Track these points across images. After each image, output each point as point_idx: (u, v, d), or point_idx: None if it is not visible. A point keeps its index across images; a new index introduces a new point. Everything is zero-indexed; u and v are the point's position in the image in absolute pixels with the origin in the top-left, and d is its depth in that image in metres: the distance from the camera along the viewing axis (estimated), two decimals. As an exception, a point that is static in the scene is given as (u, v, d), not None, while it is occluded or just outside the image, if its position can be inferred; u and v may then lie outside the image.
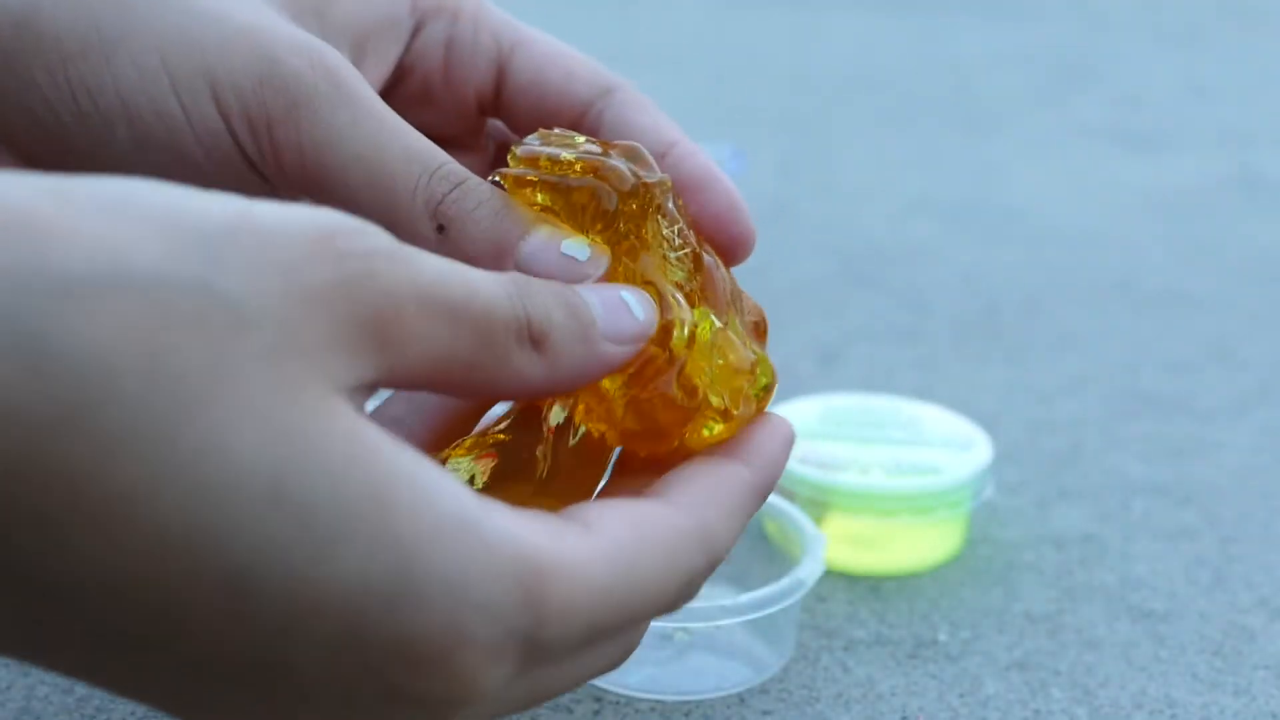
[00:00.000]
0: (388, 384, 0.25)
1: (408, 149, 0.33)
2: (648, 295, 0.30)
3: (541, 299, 0.28)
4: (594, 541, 0.26)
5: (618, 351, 0.29)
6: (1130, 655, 0.45)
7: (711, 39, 1.68)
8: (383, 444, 0.23)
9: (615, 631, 0.27)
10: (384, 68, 0.38)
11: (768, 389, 0.33)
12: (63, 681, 0.42)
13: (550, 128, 0.35)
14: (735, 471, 0.30)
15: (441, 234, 0.32)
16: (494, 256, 0.32)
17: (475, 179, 0.33)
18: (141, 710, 0.41)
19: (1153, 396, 0.66)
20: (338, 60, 0.33)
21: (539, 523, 0.25)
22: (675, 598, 0.28)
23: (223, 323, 0.22)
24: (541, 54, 0.39)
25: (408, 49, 0.38)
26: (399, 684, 0.23)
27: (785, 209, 0.97)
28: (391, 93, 0.39)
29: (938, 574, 0.50)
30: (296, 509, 0.22)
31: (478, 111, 0.40)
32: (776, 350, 0.70)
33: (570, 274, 0.31)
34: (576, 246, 0.32)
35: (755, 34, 1.71)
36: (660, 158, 0.37)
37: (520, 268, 0.32)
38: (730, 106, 1.30)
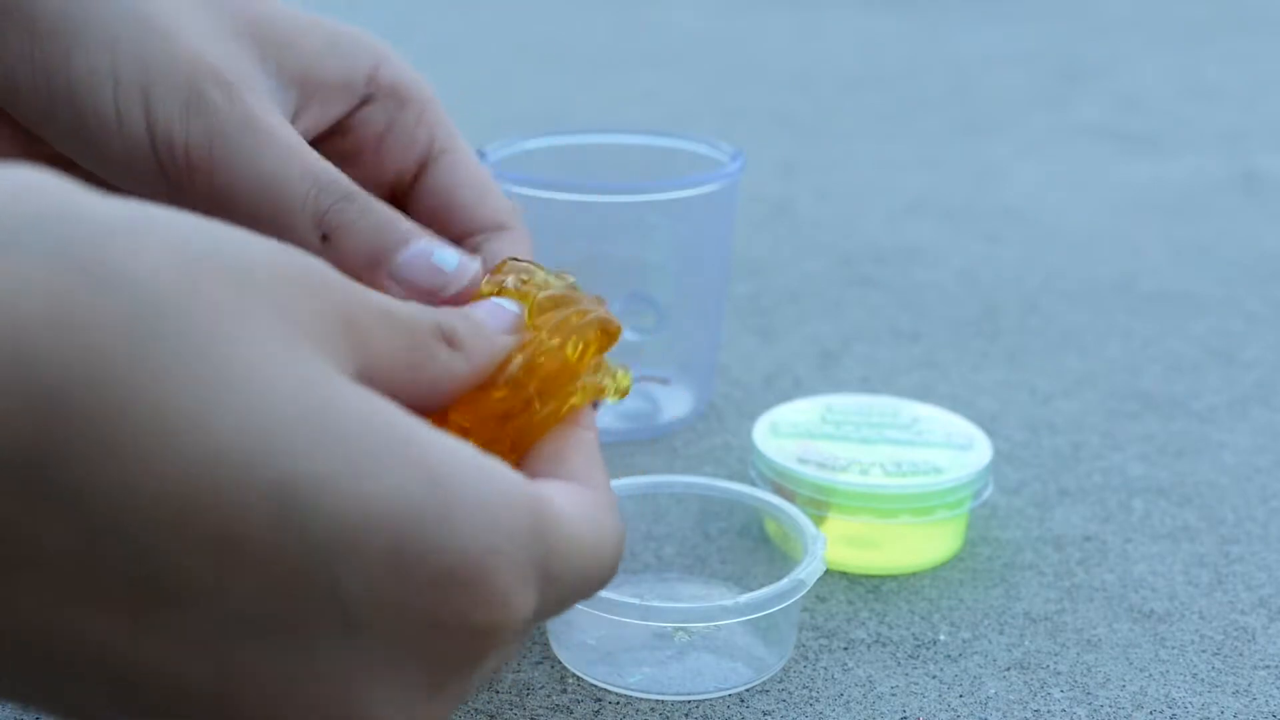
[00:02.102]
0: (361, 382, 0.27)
1: (304, 166, 0.37)
2: (512, 301, 0.35)
3: (439, 310, 0.31)
4: (569, 496, 0.29)
5: (510, 340, 0.33)
6: (1130, 655, 0.45)
7: (711, 39, 1.68)
8: (391, 405, 0.25)
9: (591, 583, 0.30)
10: (323, 122, 0.41)
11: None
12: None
13: (457, 239, 0.41)
14: (587, 437, 0.34)
15: (325, 242, 0.37)
16: (370, 265, 0.37)
17: (365, 195, 0.37)
18: (141, 710, 0.41)
19: (1153, 396, 0.66)
20: (254, 100, 0.37)
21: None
22: (613, 568, 0.31)
23: (241, 275, 0.24)
24: (464, 170, 0.43)
25: (352, 114, 0.42)
26: (442, 608, 0.24)
27: (785, 209, 0.97)
28: (322, 143, 0.42)
29: (938, 574, 0.50)
30: (333, 432, 0.23)
31: (390, 192, 0.43)
32: (777, 350, 0.71)
33: (439, 281, 0.36)
34: (445, 258, 0.37)
35: (755, 34, 1.71)
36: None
37: (394, 275, 0.37)
38: (730, 106, 1.30)
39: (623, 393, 0.36)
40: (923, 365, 0.69)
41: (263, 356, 0.23)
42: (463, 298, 0.37)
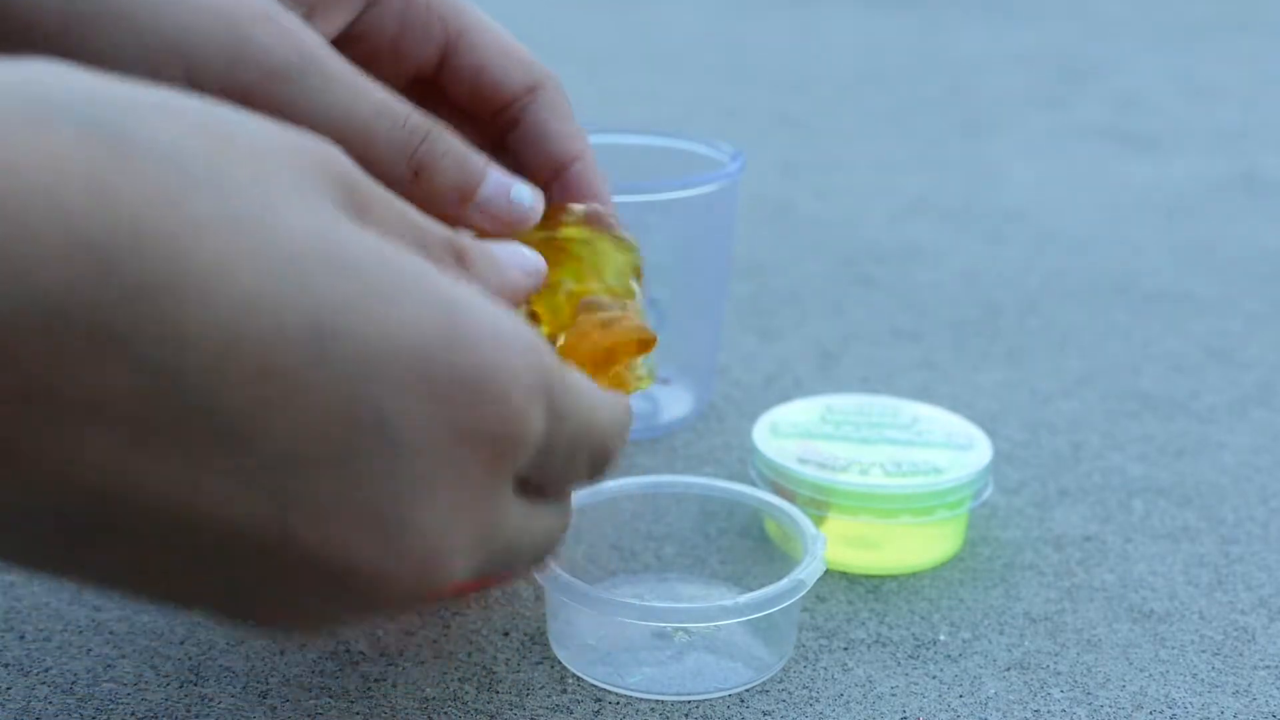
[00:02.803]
0: None
1: (376, 105, 0.37)
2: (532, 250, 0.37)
3: (456, 232, 0.33)
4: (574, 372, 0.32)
5: (523, 280, 0.35)
6: (1130, 655, 0.45)
7: (711, 39, 1.68)
8: (400, 247, 0.27)
9: (585, 444, 0.32)
10: (330, 29, 0.41)
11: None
12: (63, 682, 0.42)
13: (493, 114, 0.43)
14: None
15: (416, 178, 0.38)
16: (458, 200, 0.38)
17: (438, 128, 0.38)
18: (142, 710, 0.41)
19: (1153, 396, 0.66)
20: (302, 31, 0.36)
21: None
22: (618, 438, 0.33)
23: (258, 146, 0.26)
24: (484, 44, 0.42)
25: (360, 18, 0.41)
26: (466, 417, 0.27)
27: (785, 209, 0.97)
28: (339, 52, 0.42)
29: (938, 574, 0.50)
30: (355, 271, 0.25)
31: (413, 84, 0.43)
32: (777, 350, 0.70)
33: (517, 215, 0.39)
34: (521, 192, 0.39)
35: (755, 34, 1.71)
36: (559, 171, 0.43)
37: (477, 209, 0.39)
38: (730, 106, 1.30)
39: (642, 387, 0.40)
40: (923, 365, 0.69)
41: (284, 208, 0.25)
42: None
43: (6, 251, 0.22)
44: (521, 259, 0.36)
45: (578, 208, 0.43)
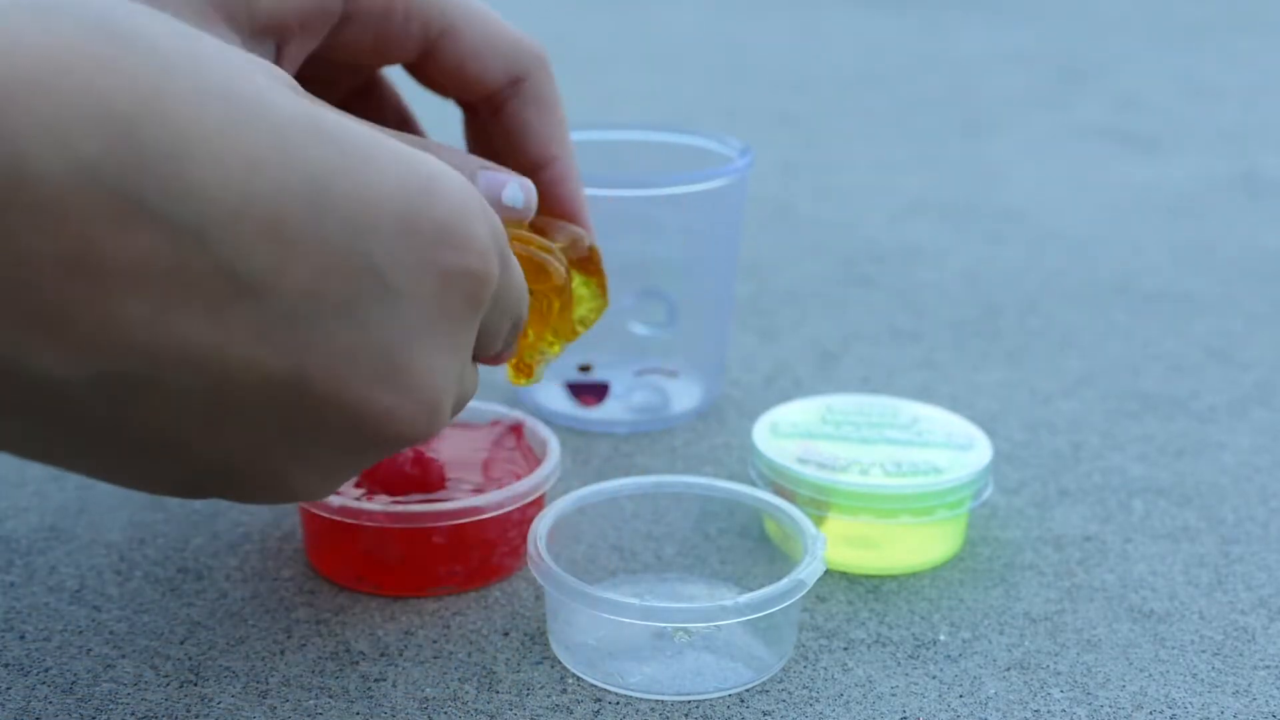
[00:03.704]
0: None
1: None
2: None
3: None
4: None
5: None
6: (1130, 655, 0.45)
7: (712, 39, 1.68)
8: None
9: (515, 313, 0.35)
10: (306, 49, 0.41)
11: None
12: (63, 682, 0.42)
13: (483, 103, 0.44)
14: None
15: None
16: None
17: (432, 145, 0.38)
18: (142, 710, 0.41)
19: (1153, 396, 0.66)
20: (261, 85, 0.39)
21: None
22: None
23: (227, 49, 0.28)
24: (466, 38, 0.43)
25: (337, 33, 0.41)
26: (445, 258, 0.30)
27: (785, 209, 0.97)
28: (318, 60, 0.42)
29: (938, 574, 0.50)
30: (336, 137, 0.29)
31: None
32: (777, 350, 0.71)
33: (508, 217, 0.40)
34: (514, 194, 0.40)
35: (755, 34, 1.70)
36: (537, 168, 0.45)
37: None
38: (731, 106, 1.30)
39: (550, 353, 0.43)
40: (923, 365, 0.69)
41: (266, 88, 0.28)
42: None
43: (49, 123, 0.24)
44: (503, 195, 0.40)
45: (562, 232, 0.44)
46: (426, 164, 0.30)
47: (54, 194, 0.24)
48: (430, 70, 0.43)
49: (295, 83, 0.31)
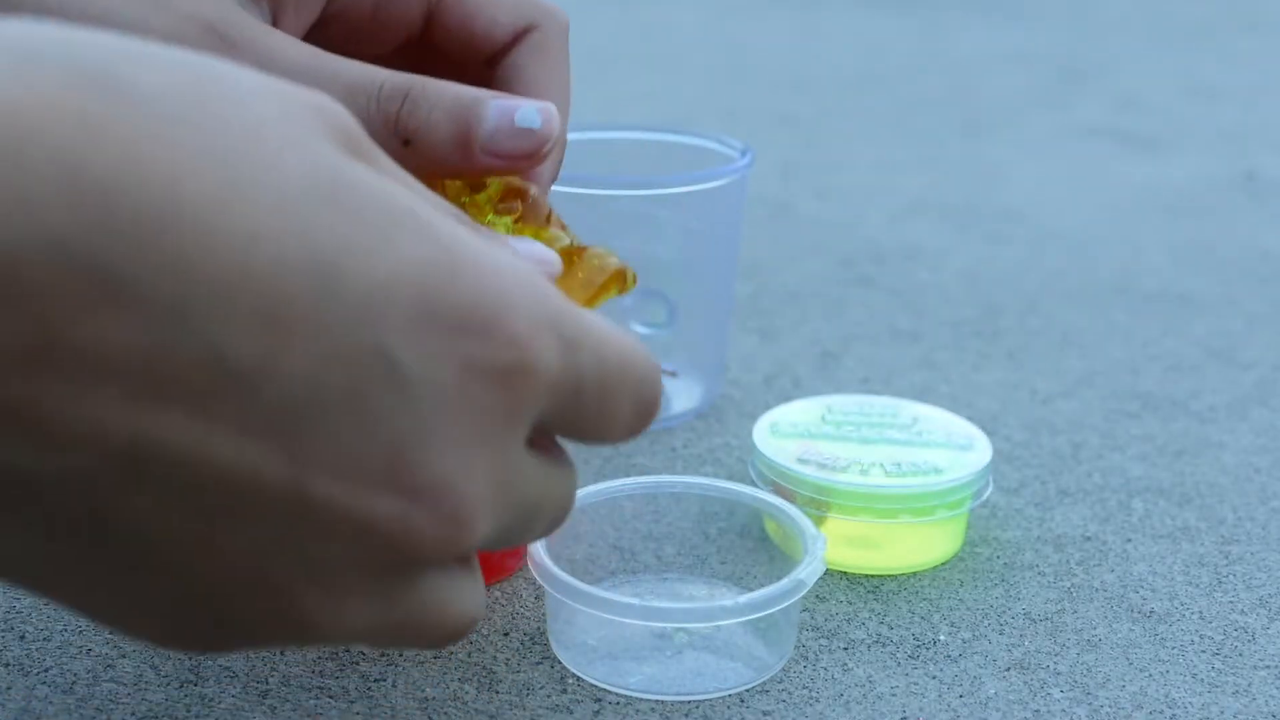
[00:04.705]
0: None
1: (346, 84, 0.35)
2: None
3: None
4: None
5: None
6: (1130, 655, 0.45)
7: (712, 39, 1.68)
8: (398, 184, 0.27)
9: (618, 389, 0.30)
10: (306, 18, 0.39)
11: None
12: (63, 682, 0.42)
13: (489, 65, 0.41)
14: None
15: (409, 147, 0.36)
16: (460, 149, 0.36)
17: (419, 81, 0.36)
18: (142, 710, 0.41)
19: (1153, 396, 0.66)
20: (252, 31, 0.35)
21: None
22: (652, 383, 0.31)
23: (248, 92, 0.25)
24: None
25: (333, 2, 0.39)
26: (470, 349, 0.26)
27: (785, 209, 0.97)
28: (316, 34, 0.40)
29: (938, 574, 0.50)
30: (354, 206, 0.25)
31: (403, 45, 0.41)
32: (777, 350, 0.71)
33: (531, 143, 0.36)
34: (527, 115, 0.36)
35: (755, 34, 1.70)
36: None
37: (487, 151, 0.36)
38: (731, 106, 1.30)
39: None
40: (923, 365, 0.69)
41: (278, 143, 0.25)
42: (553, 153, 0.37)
43: (15, 193, 0.21)
44: (540, 251, 0.34)
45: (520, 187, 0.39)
46: (455, 241, 0.26)
47: (15, 273, 0.22)
48: (439, 34, 0.40)
49: (349, 125, 0.27)
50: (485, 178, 0.38)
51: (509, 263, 0.27)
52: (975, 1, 1.89)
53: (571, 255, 0.38)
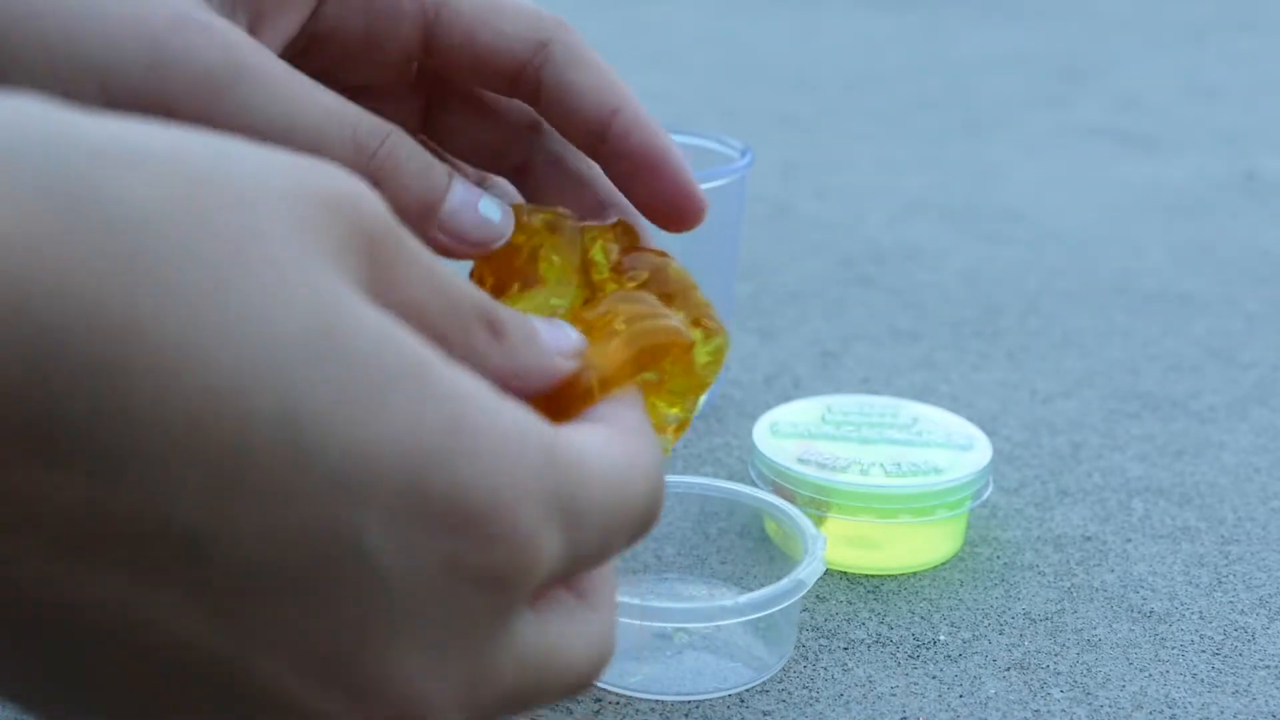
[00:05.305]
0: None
1: (324, 110, 0.32)
2: (576, 330, 0.32)
3: (492, 300, 0.29)
4: (584, 436, 0.27)
5: (564, 365, 0.30)
6: (1130, 655, 0.45)
7: (712, 39, 1.68)
8: (402, 328, 0.23)
9: (621, 521, 0.27)
10: (281, 36, 0.36)
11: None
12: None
13: (485, 89, 0.37)
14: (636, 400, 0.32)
15: (376, 189, 0.31)
16: (421, 214, 0.33)
17: (397, 131, 0.33)
18: (141, 710, 0.41)
19: (1153, 396, 0.66)
20: (230, 34, 0.32)
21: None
22: (654, 495, 0.28)
23: (250, 193, 0.22)
24: (469, 12, 0.37)
25: (318, 16, 0.37)
26: (463, 552, 0.23)
27: (785, 209, 0.97)
28: (307, 56, 0.37)
29: (938, 574, 0.50)
30: (344, 361, 0.22)
31: (405, 64, 0.38)
32: (777, 350, 0.70)
33: (487, 234, 0.34)
34: (490, 206, 0.34)
35: (756, 34, 1.71)
36: (602, 129, 0.37)
37: (443, 228, 0.33)
38: (731, 106, 1.30)
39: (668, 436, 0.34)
40: (923, 365, 0.69)
41: (271, 277, 0.22)
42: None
43: None
44: (565, 340, 0.31)
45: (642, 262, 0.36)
46: (461, 411, 0.23)
47: None
48: (441, 54, 0.37)
49: (369, 220, 0.24)
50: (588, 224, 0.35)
51: (517, 431, 0.24)
52: (975, 1, 1.89)
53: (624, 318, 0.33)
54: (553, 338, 0.30)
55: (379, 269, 0.24)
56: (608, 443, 0.27)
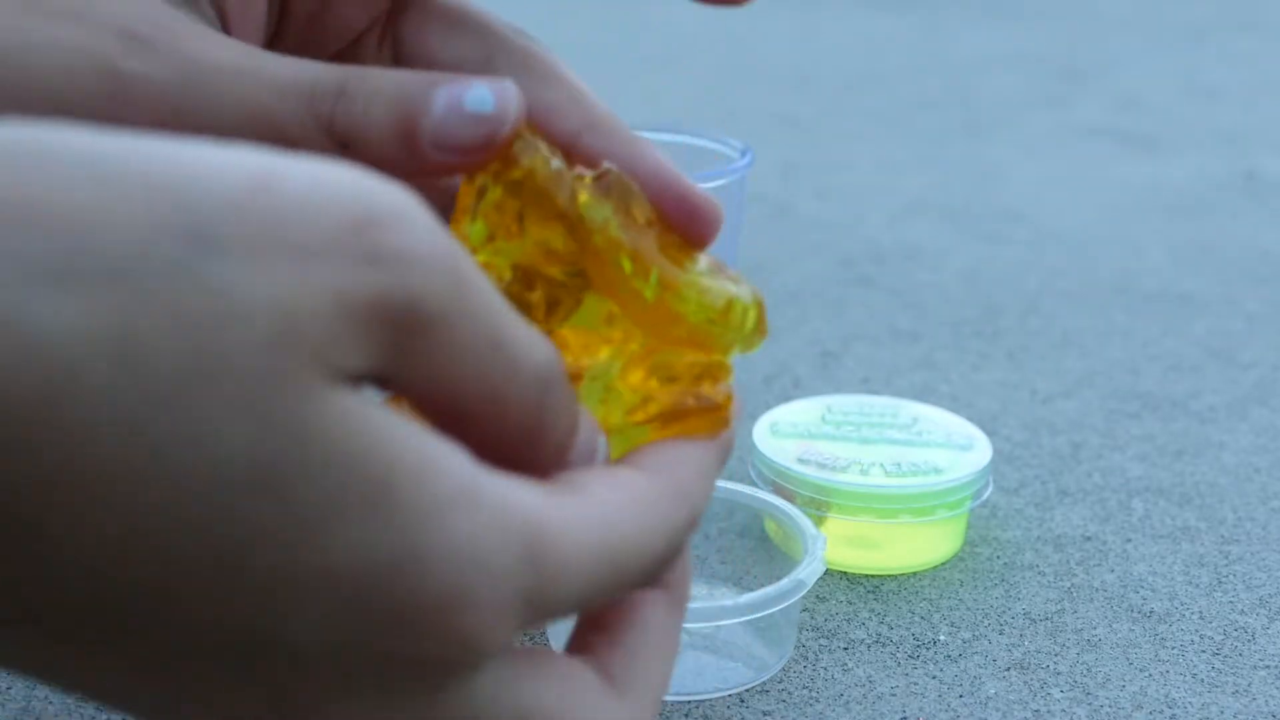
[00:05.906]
0: (385, 386, 0.24)
1: (278, 88, 0.30)
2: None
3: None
4: (586, 503, 0.26)
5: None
6: (1130, 655, 0.45)
7: (712, 39, 1.68)
8: (380, 426, 0.22)
9: (610, 590, 0.26)
10: (253, 15, 0.34)
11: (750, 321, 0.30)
12: (63, 681, 0.42)
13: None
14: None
15: (348, 150, 0.30)
16: (405, 146, 0.30)
17: (356, 74, 0.31)
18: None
19: (1153, 396, 0.66)
20: (176, 40, 0.31)
21: (533, 486, 0.25)
22: (662, 555, 0.27)
23: (205, 314, 0.20)
24: (428, 16, 0.34)
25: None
26: (398, 649, 0.22)
27: (785, 209, 0.97)
28: (275, 37, 0.35)
29: (938, 574, 0.50)
30: (280, 495, 0.21)
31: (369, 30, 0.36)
32: (777, 350, 0.70)
33: (484, 130, 0.29)
34: (478, 97, 0.29)
35: (756, 34, 1.71)
36: (571, 143, 0.33)
37: (435, 145, 0.30)
38: (731, 106, 1.30)
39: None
40: (923, 365, 0.69)
41: (201, 414, 0.20)
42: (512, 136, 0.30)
43: None
44: (591, 451, 0.29)
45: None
46: (413, 534, 0.22)
47: None
48: (400, 46, 0.35)
49: (385, 306, 0.22)
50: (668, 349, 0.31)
51: (494, 529, 0.23)
52: (975, 1, 1.89)
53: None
54: (585, 443, 0.28)
55: (414, 337, 0.23)
56: (619, 509, 0.26)
